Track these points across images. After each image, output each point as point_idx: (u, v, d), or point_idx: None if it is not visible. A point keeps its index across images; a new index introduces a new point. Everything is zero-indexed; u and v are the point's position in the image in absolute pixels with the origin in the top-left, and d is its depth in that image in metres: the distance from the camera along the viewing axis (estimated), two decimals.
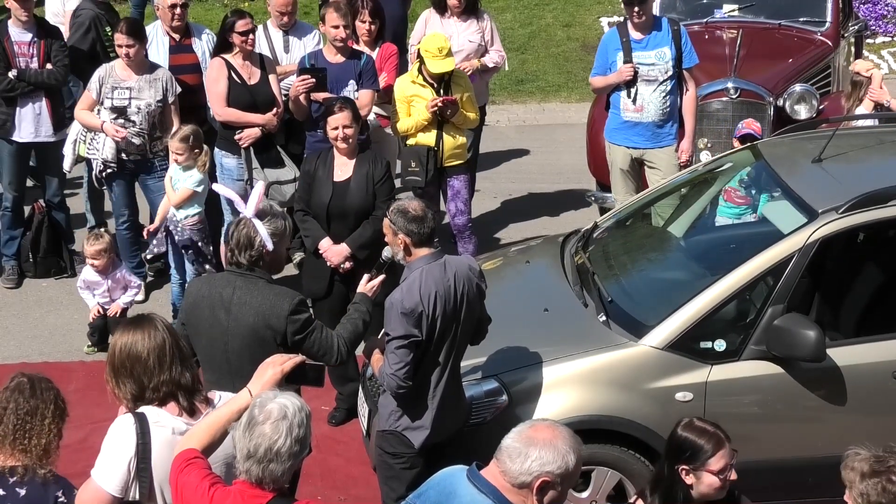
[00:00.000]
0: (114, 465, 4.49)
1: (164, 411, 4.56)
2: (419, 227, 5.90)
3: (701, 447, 4.94)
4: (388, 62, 9.25)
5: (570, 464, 4.10)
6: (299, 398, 4.19)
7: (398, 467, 6.03)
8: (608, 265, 7.32)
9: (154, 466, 4.49)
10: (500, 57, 9.92)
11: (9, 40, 9.20)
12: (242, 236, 5.59)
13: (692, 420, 5.05)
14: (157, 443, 4.50)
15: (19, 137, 9.32)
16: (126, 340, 4.62)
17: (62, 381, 6.52)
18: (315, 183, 7.56)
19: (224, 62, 8.84)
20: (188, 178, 8.43)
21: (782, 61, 10.38)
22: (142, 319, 4.69)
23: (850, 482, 4.43)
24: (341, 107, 7.52)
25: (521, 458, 4.09)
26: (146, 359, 4.56)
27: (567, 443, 4.13)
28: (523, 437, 4.13)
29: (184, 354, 4.66)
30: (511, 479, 4.10)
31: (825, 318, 7.04)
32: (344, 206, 7.51)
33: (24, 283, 9.65)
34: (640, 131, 8.98)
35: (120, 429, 4.53)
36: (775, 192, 7.16)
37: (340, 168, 7.57)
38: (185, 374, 4.60)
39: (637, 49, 8.90)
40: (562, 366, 6.46)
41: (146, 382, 4.57)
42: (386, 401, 6.06)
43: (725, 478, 4.93)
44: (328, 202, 7.51)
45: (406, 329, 5.80)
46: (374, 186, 7.49)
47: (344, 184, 7.53)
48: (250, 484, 4.09)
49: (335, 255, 7.49)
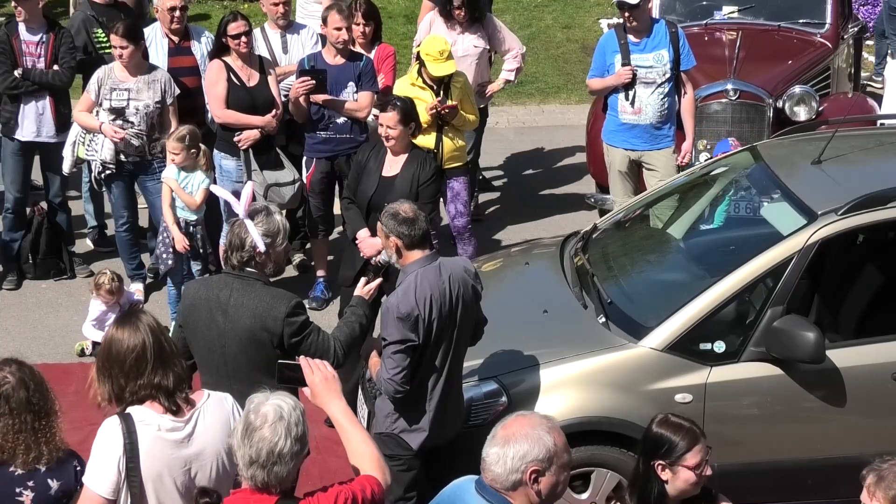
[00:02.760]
0: (103, 467, 4.49)
1: (150, 410, 4.56)
2: (410, 229, 5.90)
3: (677, 443, 4.94)
4: (385, 63, 9.27)
5: (550, 443, 4.10)
6: (292, 397, 4.20)
7: (395, 470, 6.00)
8: (607, 267, 7.32)
9: (143, 465, 4.49)
10: (518, 60, 9.92)
11: (18, 39, 9.22)
12: (235, 237, 5.61)
13: (667, 416, 5.04)
14: (145, 442, 4.50)
15: (21, 136, 9.32)
16: (109, 337, 4.65)
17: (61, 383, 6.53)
18: (364, 174, 7.66)
19: (223, 64, 8.84)
20: (202, 182, 8.41)
21: (782, 63, 10.38)
22: (128, 319, 4.69)
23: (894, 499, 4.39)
24: (391, 107, 7.58)
25: (503, 460, 4.09)
26: (123, 361, 4.58)
27: (538, 426, 4.13)
28: (498, 440, 4.14)
29: (166, 355, 4.62)
30: (503, 484, 4.10)
31: (824, 320, 7.05)
32: (385, 201, 7.47)
33: (24, 285, 9.64)
34: (638, 133, 8.99)
35: (106, 431, 4.54)
36: (775, 193, 7.16)
37: (391, 163, 7.64)
38: (166, 376, 4.58)
39: (635, 51, 8.90)
40: (561, 367, 6.46)
41: (123, 384, 4.59)
42: (382, 404, 6.05)
43: (701, 473, 4.93)
44: (371, 194, 7.57)
45: (402, 333, 5.79)
46: (419, 187, 7.53)
47: (390, 179, 7.58)
48: (252, 490, 4.09)
49: (369, 246, 7.51)
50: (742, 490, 6.11)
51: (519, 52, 9.89)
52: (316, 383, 4.40)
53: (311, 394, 4.43)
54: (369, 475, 4.21)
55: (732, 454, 6.42)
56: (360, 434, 4.32)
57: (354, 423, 4.35)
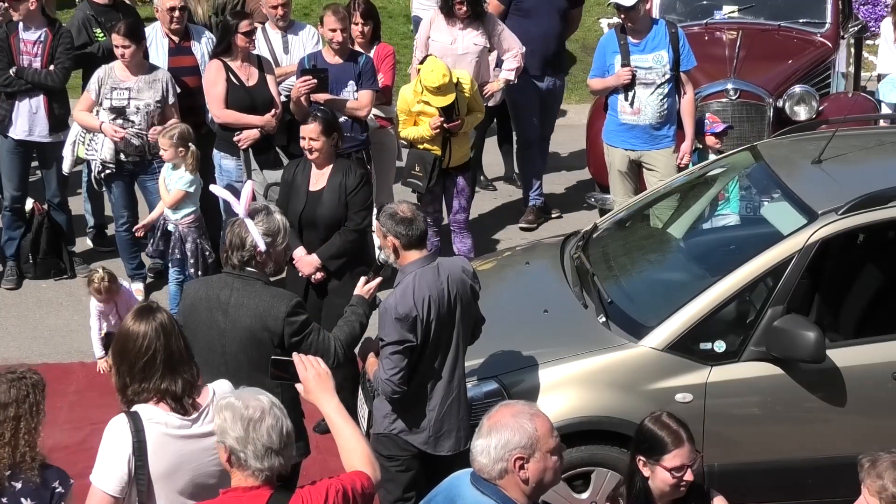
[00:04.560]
0: (112, 465, 4.49)
1: (158, 408, 4.57)
2: (408, 229, 5.89)
3: (659, 441, 4.95)
4: (385, 62, 9.27)
5: (531, 430, 4.12)
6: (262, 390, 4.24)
7: (394, 470, 6.01)
8: (608, 266, 7.32)
9: (151, 464, 4.50)
10: (518, 60, 9.88)
11: (16, 37, 9.23)
12: (235, 236, 5.60)
13: (661, 414, 5.05)
14: (152, 440, 4.51)
15: (14, 134, 9.33)
16: (123, 331, 4.66)
17: (62, 383, 6.54)
18: (292, 191, 7.53)
19: (222, 64, 8.84)
20: (179, 180, 8.45)
21: (782, 62, 10.38)
22: (143, 315, 4.67)
23: (881, 490, 4.39)
24: (313, 118, 7.51)
25: (486, 450, 4.12)
26: (133, 362, 4.59)
27: (520, 414, 4.16)
28: (483, 431, 4.18)
29: (175, 361, 4.62)
30: (491, 473, 4.13)
31: (825, 320, 7.04)
32: (315, 216, 7.44)
33: (24, 285, 9.64)
34: (638, 133, 9.00)
35: (115, 429, 4.54)
36: (775, 193, 7.16)
37: (316, 177, 7.52)
38: (174, 382, 4.59)
39: (634, 52, 8.91)
40: (561, 367, 6.46)
41: (128, 382, 4.60)
42: (381, 404, 6.04)
43: (680, 477, 4.91)
44: (301, 211, 7.45)
45: (400, 334, 5.78)
46: (347, 197, 7.42)
47: (318, 193, 7.47)
48: (244, 488, 4.09)
49: (306, 265, 7.42)
50: (742, 490, 6.12)
51: (519, 51, 9.89)
52: (309, 379, 4.41)
53: (304, 390, 4.44)
54: (359, 471, 4.23)
55: (732, 454, 6.43)
56: (352, 431, 4.34)
57: (347, 419, 4.37)
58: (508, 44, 9.90)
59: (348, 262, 7.38)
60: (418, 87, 8.80)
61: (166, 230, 8.60)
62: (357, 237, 7.48)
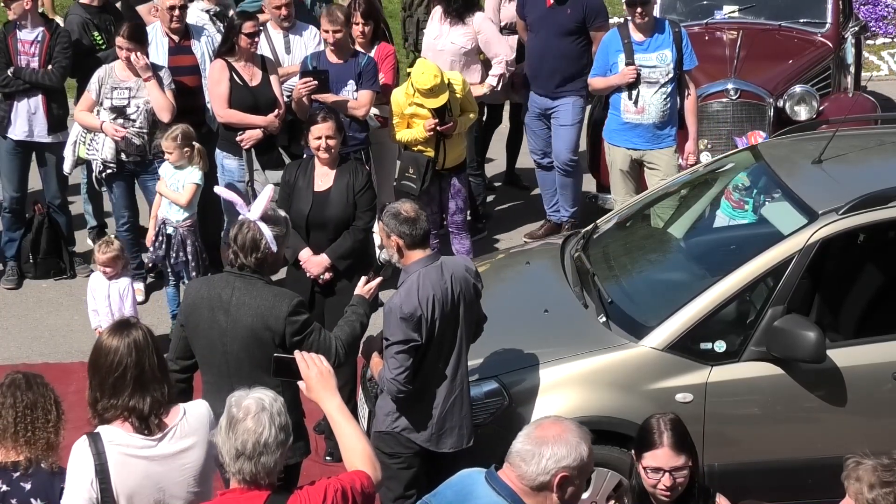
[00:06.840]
0: (77, 488, 4.48)
1: (120, 429, 4.55)
2: (411, 228, 5.89)
3: (642, 438, 4.94)
4: (385, 62, 9.25)
5: (584, 454, 4.12)
6: (271, 391, 4.21)
7: (395, 467, 6.02)
8: (608, 266, 7.32)
9: (116, 485, 4.49)
10: (502, 67, 9.74)
11: (14, 37, 9.24)
12: (248, 239, 5.57)
13: (664, 415, 5.00)
14: (114, 461, 4.49)
15: (13, 135, 9.33)
16: (97, 345, 4.65)
17: (62, 383, 6.53)
18: (295, 193, 7.46)
19: (225, 64, 8.84)
20: (191, 175, 8.44)
21: (782, 62, 10.38)
22: (118, 331, 4.65)
23: (857, 493, 4.40)
24: (325, 117, 7.42)
25: (536, 459, 4.09)
26: (104, 378, 4.57)
27: (576, 434, 4.15)
28: (533, 439, 4.14)
29: (146, 379, 4.58)
30: (529, 481, 4.10)
31: (825, 320, 7.04)
32: (324, 217, 7.39)
33: (24, 285, 9.64)
34: (640, 133, 9.00)
35: (77, 452, 4.53)
36: (775, 193, 7.16)
37: (321, 178, 7.47)
38: (142, 400, 4.56)
39: (639, 51, 8.91)
40: (562, 367, 6.46)
41: (98, 397, 4.59)
42: (383, 402, 6.05)
43: (657, 480, 4.87)
44: (308, 212, 7.39)
45: (405, 334, 5.79)
46: (355, 196, 7.39)
47: (324, 194, 7.42)
48: (242, 489, 4.09)
49: (315, 265, 7.37)
50: (742, 490, 6.11)
51: (504, 58, 9.79)
52: (311, 377, 4.40)
53: (306, 388, 4.43)
54: (359, 470, 4.23)
55: (733, 454, 6.43)
56: (353, 429, 4.33)
57: (348, 418, 4.36)
58: (495, 49, 9.80)
59: (355, 262, 7.37)
60: (410, 89, 8.78)
61: (166, 234, 8.56)
62: (365, 236, 7.49)
